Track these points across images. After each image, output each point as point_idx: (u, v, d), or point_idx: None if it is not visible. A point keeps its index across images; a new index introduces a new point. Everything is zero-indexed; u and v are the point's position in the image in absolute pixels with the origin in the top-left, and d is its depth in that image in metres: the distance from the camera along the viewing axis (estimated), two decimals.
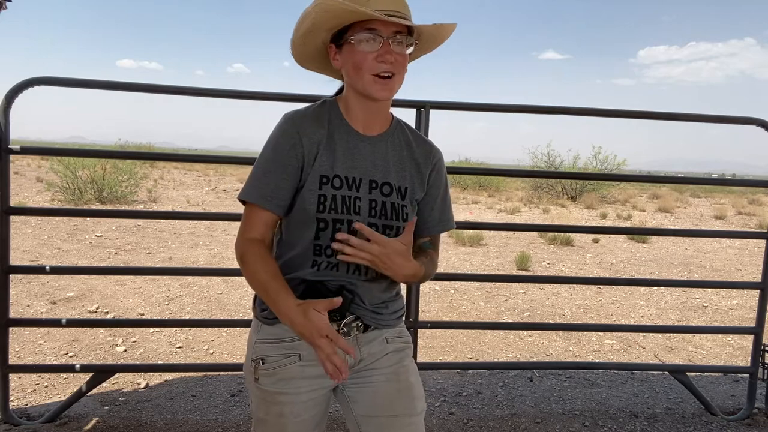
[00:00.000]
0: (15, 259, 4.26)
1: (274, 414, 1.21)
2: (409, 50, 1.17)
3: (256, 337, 1.25)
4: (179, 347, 3.75)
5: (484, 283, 5.91)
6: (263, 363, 1.21)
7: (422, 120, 2.55)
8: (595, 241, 9.80)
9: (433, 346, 3.98)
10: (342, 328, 1.20)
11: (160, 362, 3.47)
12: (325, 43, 1.21)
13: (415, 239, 1.31)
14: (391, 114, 1.30)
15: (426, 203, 1.30)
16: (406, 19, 1.12)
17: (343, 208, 1.17)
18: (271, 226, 1.22)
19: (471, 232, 9.04)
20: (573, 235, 9.59)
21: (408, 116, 2.86)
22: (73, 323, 3.04)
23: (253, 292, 1.28)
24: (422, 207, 1.30)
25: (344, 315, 1.20)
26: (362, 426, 1.26)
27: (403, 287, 1.46)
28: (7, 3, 2.54)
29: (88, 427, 2.48)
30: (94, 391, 2.61)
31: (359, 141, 1.22)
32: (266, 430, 1.24)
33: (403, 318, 1.36)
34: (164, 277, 5.58)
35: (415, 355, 2.70)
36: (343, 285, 1.20)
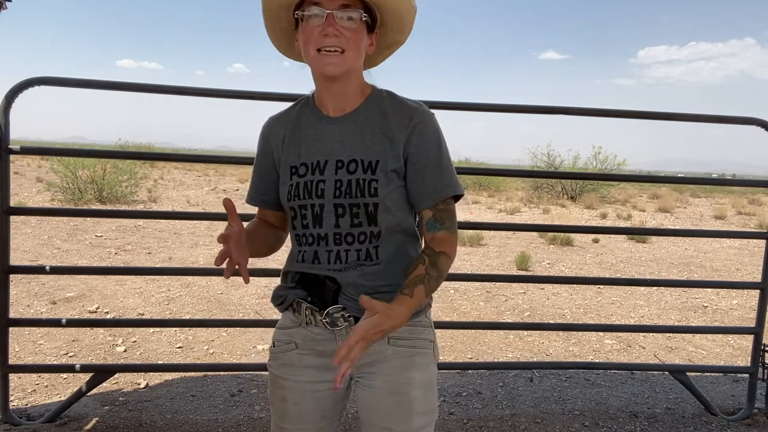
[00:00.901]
0: (15, 259, 4.25)
1: (277, 397, 1.26)
2: (354, 25, 1.12)
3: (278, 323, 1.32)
4: (179, 347, 3.75)
5: (484, 283, 5.91)
6: (273, 346, 1.29)
7: None
8: (595, 241, 9.79)
9: None
10: (325, 318, 1.19)
11: (160, 362, 3.47)
12: (291, 25, 1.20)
13: (420, 219, 1.23)
14: (372, 87, 1.25)
15: (415, 171, 1.18)
16: None
17: (305, 194, 1.18)
18: (269, 217, 1.33)
19: (471, 232, 9.03)
20: (573, 235, 9.58)
21: None
22: (73, 323, 3.04)
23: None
24: (412, 177, 1.18)
25: (329, 305, 1.18)
26: (362, 429, 1.26)
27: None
28: (7, 3, 2.54)
29: (88, 427, 2.49)
30: (94, 391, 2.60)
31: (327, 124, 1.21)
32: (274, 412, 1.29)
33: (417, 317, 1.23)
34: (164, 277, 5.58)
35: None
36: (327, 275, 1.19)
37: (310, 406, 1.24)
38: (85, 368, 2.57)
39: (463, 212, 14.02)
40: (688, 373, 2.91)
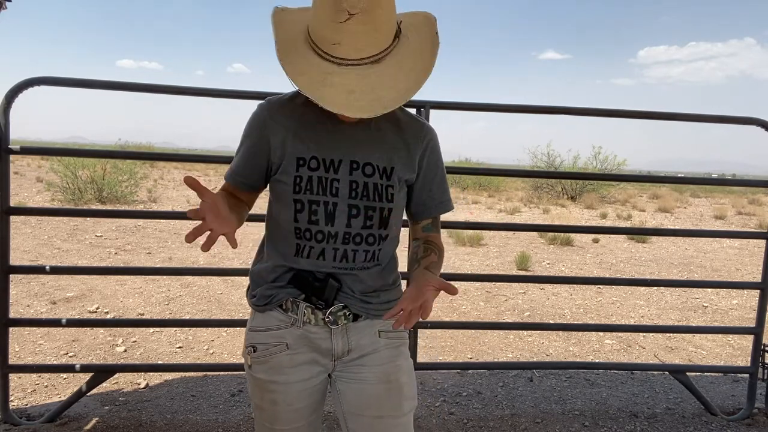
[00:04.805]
0: (15, 259, 4.25)
1: (267, 401, 1.24)
2: None
3: (249, 324, 1.28)
4: (179, 347, 3.75)
5: (484, 283, 5.91)
6: (254, 351, 1.24)
7: None
8: (595, 241, 9.80)
9: (433, 346, 3.98)
10: (328, 317, 1.20)
11: (160, 362, 3.47)
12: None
13: (415, 223, 1.33)
14: None
15: (424, 185, 1.27)
16: (367, 63, 1.03)
17: (318, 189, 1.16)
18: (239, 195, 1.25)
19: (471, 232, 9.04)
20: (573, 235, 9.59)
21: None
22: (73, 323, 3.03)
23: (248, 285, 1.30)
24: (420, 189, 1.27)
25: (330, 303, 1.20)
26: (349, 422, 1.26)
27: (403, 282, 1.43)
28: (7, 3, 2.54)
29: (88, 427, 2.49)
30: (94, 391, 2.61)
31: (339, 122, 1.20)
32: (262, 416, 1.27)
33: None
34: (164, 277, 5.58)
35: (414, 356, 2.70)
36: (330, 273, 1.20)
37: (303, 403, 1.24)
38: (85, 368, 2.58)
39: (463, 212, 14.01)
40: (688, 373, 2.91)
